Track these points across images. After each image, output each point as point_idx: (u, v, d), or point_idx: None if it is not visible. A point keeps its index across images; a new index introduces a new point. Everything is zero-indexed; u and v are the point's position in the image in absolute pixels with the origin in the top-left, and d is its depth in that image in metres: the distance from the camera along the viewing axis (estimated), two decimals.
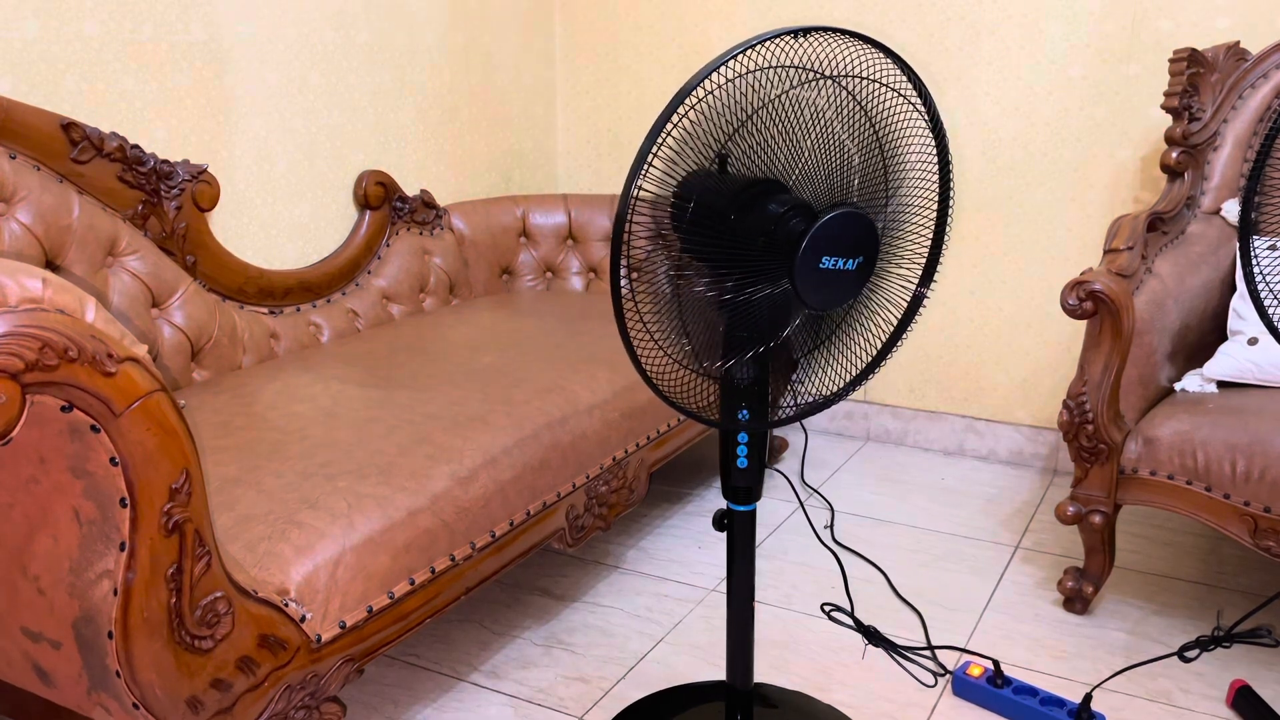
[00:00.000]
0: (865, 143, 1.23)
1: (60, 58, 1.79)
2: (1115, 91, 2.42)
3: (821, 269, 1.18)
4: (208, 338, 1.98)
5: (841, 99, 1.20)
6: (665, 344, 1.27)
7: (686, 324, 1.27)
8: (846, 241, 1.18)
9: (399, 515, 1.41)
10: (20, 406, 0.93)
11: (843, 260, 1.19)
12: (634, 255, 1.24)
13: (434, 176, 2.64)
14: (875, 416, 2.88)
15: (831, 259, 1.18)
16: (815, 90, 1.19)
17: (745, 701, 1.53)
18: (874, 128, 1.22)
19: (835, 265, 1.19)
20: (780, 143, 1.19)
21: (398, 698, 1.73)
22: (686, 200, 1.19)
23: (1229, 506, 1.77)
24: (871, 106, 1.22)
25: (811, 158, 1.21)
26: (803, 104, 1.19)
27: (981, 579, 2.11)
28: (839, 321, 1.33)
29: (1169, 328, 2.00)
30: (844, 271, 1.19)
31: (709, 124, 1.17)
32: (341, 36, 2.32)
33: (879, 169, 1.24)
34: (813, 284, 1.19)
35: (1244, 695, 1.66)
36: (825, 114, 1.20)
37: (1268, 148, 1.30)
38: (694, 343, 1.28)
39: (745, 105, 1.17)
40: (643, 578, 2.12)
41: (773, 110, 1.18)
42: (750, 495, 1.41)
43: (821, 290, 1.20)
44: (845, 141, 1.22)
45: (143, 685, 1.09)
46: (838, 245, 1.18)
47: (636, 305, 1.25)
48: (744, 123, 1.17)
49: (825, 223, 1.16)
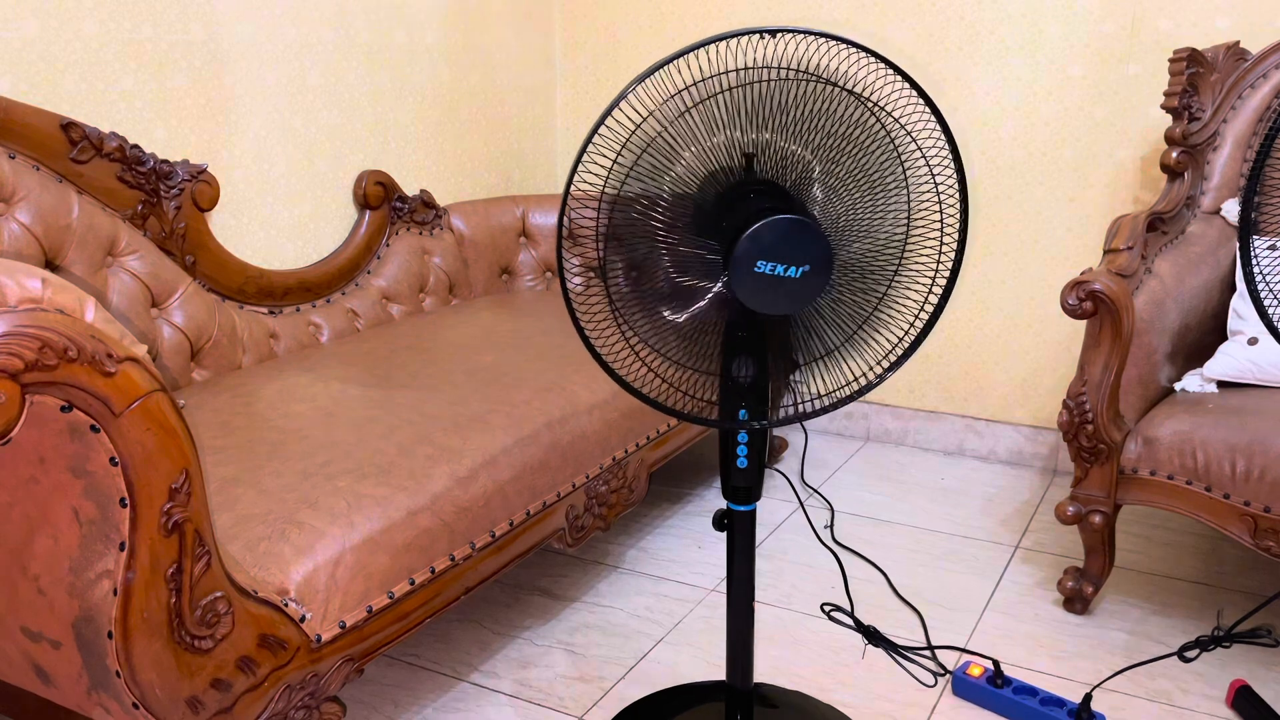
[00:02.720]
0: (828, 151, 1.22)
1: (60, 57, 1.79)
2: (1115, 91, 2.42)
3: (758, 272, 1.18)
4: (207, 338, 1.98)
5: (807, 101, 1.20)
6: (633, 343, 1.28)
7: (640, 318, 1.29)
8: (788, 248, 1.18)
9: (399, 515, 1.41)
10: (20, 406, 0.93)
11: (783, 267, 1.18)
12: (589, 257, 1.27)
13: (434, 176, 2.64)
14: (875, 416, 2.88)
15: (768, 264, 1.18)
16: (782, 90, 1.19)
17: (745, 701, 1.53)
18: (840, 135, 1.21)
19: (774, 271, 1.18)
20: (724, 144, 1.20)
21: (398, 698, 1.73)
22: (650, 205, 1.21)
23: (1229, 506, 1.77)
24: (843, 114, 1.21)
25: (764, 161, 1.22)
26: (770, 105, 1.19)
27: (981, 579, 2.11)
28: (831, 329, 1.32)
29: (1169, 328, 2.00)
30: (788, 278, 1.19)
31: (683, 126, 1.18)
32: (341, 36, 2.32)
33: (844, 181, 1.23)
34: (751, 287, 1.19)
35: (1244, 695, 1.66)
36: (793, 115, 1.20)
37: (1267, 148, 1.30)
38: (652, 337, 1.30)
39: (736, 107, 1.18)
40: (643, 578, 2.12)
41: (725, 111, 1.19)
42: (750, 495, 1.41)
43: (764, 294, 1.20)
44: (799, 150, 1.22)
45: (143, 685, 1.09)
46: (777, 251, 1.18)
47: (617, 307, 1.27)
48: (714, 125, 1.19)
49: (760, 228, 1.17)
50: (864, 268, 1.28)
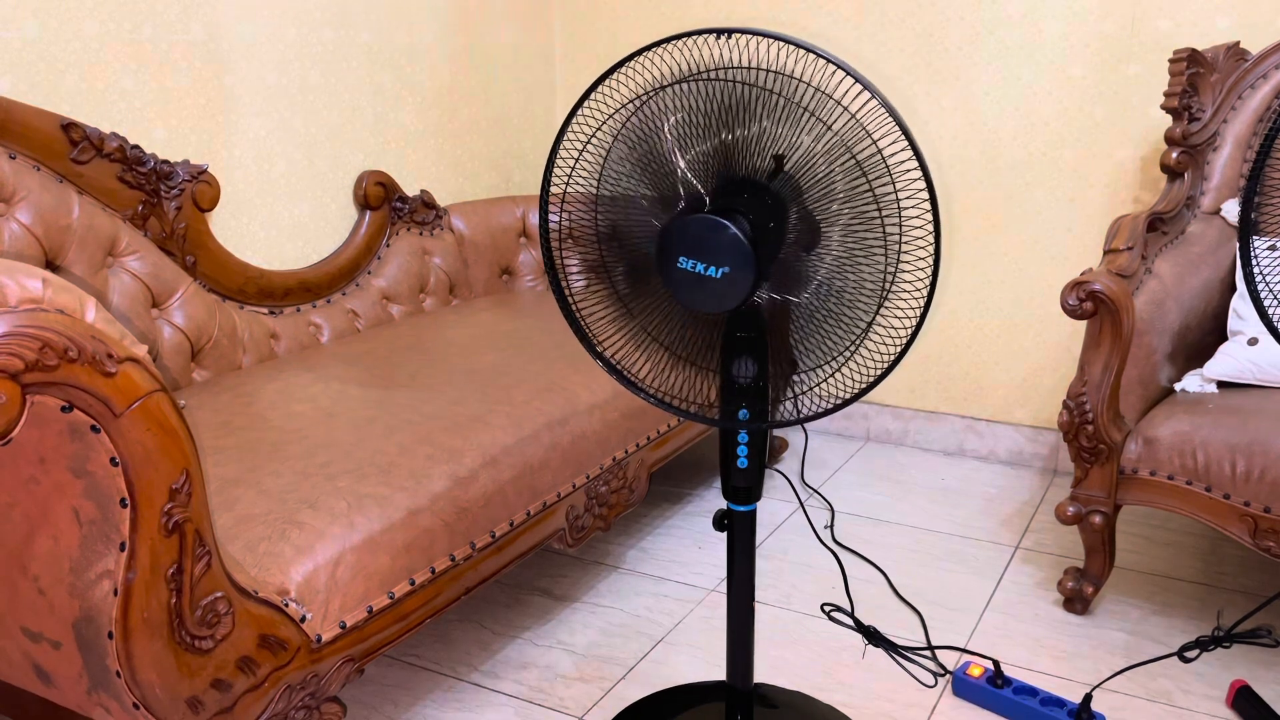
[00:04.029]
0: (753, 153, 1.22)
1: (60, 58, 1.79)
2: (1115, 91, 2.42)
3: (680, 268, 1.19)
4: (208, 338, 1.98)
5: (731, 104, 1.20)
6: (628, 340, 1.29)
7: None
8: (709, 248, 1.18)
9: (399, 515, 1.41)
10: (20, 407, 0.93)
11: (702, 265, 1.19)
12: (587, 257, 1.28)
13: (434, 176, 2.64)
14: (875, 417, 2.88)
15: (690, 261, 1.19)
16: (726, 92, 1.19)
17: (745, 701, 1.53)
18: (804, 147, 1.21)
19: (695, 269, 1.19)
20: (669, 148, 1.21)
21: (398, 698, 1.73)
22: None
23: (1229, 506, 1.77)
24: (777, 116, 1.20)
25: (695, 161, 1.22)
26: (710, 109, 1.20)
27: (981, 579, 2.11)
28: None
29: (1169, 328, 2.00)
30: (709, 277, 1.19)
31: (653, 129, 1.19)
32: (341, 36, 2.32)
33: (816, 189, 1.23)
34: (678, 282, 1.21)
35: (1244, 695, 1.66)
36: (738, 117, 1.20)
37: (1267, 148, 1.30)
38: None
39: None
40: (643, 578, 2.12)
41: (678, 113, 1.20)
42: (750, 495, 1.41)
43: (691, 292, 1.21)
44: (732, 153, 1.22)
45: (143, 685, 1.09)
46: (699, 250, 1.18)
47: (625, 306, 1.27)
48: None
49: (681, 224, 1.18)
50: (839, 285, 1.27)
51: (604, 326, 1.35)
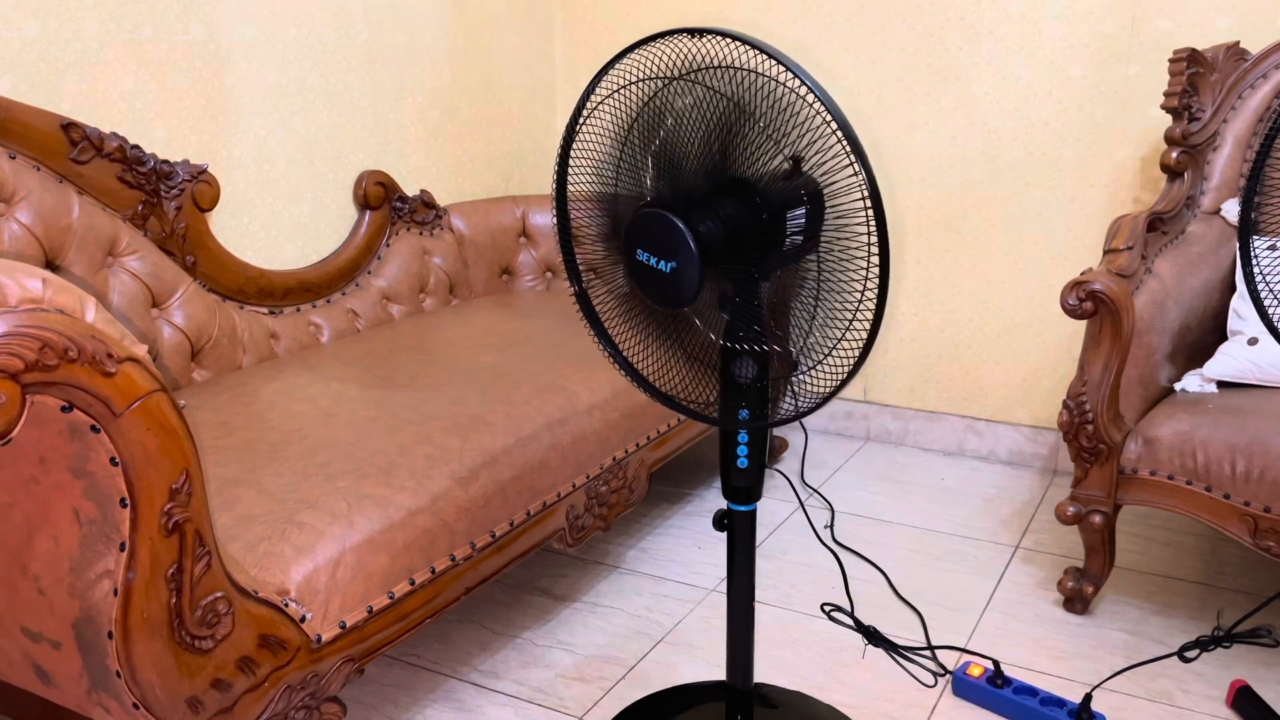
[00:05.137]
0: (702, 147, 1.22)
1: (60, 58, 1.79)
2: (1115, 91, 2.42)
3: (638, 260, 1.21)
4: (208, 338, 1.98)
5: (681, 103, 1.21)
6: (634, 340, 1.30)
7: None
8: (659, 241, 1.19)
9: (399, 515, 1.41)
10: (20, 406, 0.93)
11: (655, 258, 1.20)
12: (590, 257, 1.29)
13: (434, 176, 2.64)
14: (875, 417, 2.88)
15: (645, 254, 1.21)
16: (684, 92, 1.20)
17: (745, 701, 1.53)
18: (716, 131, 1.21)
19: (649, 262, 1.21)
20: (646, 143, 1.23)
21: (398, 698, 1.73)
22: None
23: (1229, 506, 1.77)
24: (722, 113, 1.21)
25: (661, 156, 1.24)
26: (675, 106, 1.21)
27: (981, 579, 2.11)
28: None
29: (1169, 328, 2.00)
30: (661, 271, 1.20)
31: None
32: (341, 36, 2.32)
33: (720, 177, 1.23)
34: (640, 276, 1.23)
35: (1244, 695, 1.66)
36: (691, 114, 1.21)
37: (1267, 148, 1.30)
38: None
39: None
40: (643, 578, 2.12)
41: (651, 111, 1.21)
42: (750, 495, 1.41)
43: (651, 285, 1.22)
44: (684, 146, 1.22)
45: (143, 685, 1.09)
46: (651, 243, 1.20)
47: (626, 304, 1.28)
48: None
49: (638, 218, 1.19)
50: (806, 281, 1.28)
51: (611, 325, 1.36)
